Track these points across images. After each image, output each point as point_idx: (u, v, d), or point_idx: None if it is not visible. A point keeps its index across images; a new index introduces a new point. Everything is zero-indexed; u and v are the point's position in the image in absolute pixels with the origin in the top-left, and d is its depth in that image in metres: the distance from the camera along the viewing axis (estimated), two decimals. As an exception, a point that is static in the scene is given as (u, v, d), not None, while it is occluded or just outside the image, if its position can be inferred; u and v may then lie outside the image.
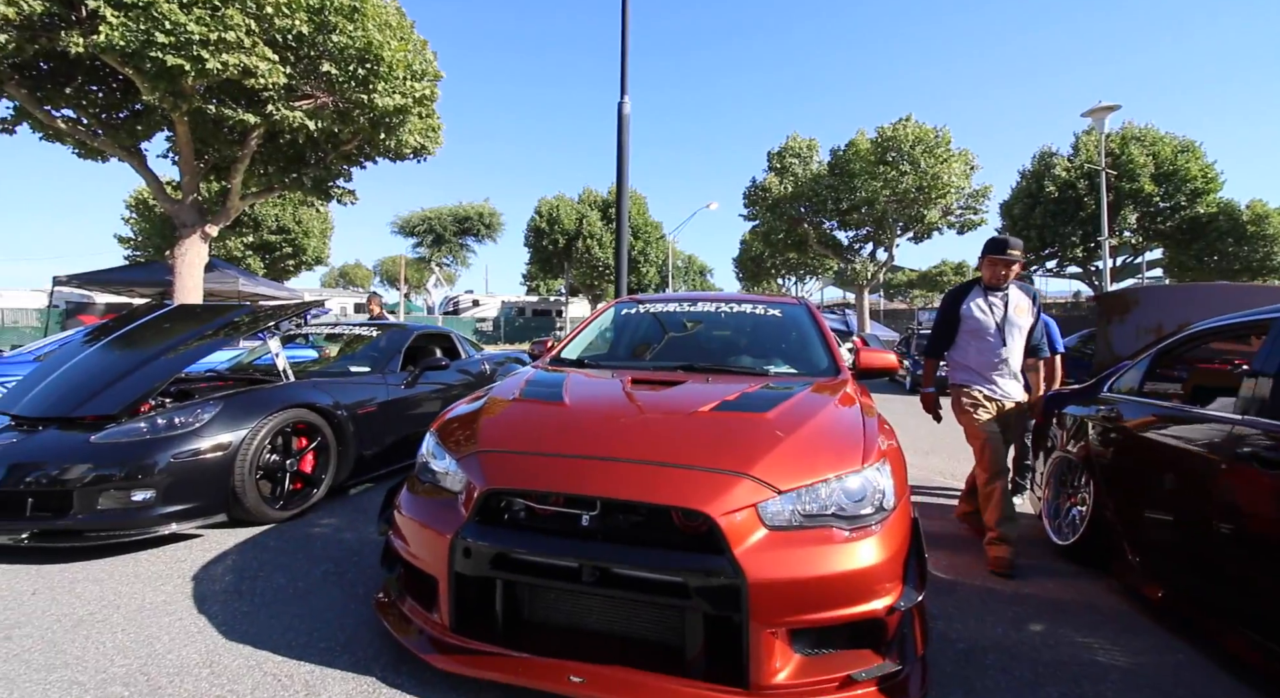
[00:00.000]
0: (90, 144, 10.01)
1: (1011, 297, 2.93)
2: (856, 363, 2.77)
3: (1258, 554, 1.86)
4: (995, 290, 2.95)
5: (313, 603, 2.24)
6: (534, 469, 1.79)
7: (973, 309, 2.98)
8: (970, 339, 2.99)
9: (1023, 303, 2.94)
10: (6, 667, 1.77)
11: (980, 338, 2.95)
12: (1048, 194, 22.36)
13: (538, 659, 1.64)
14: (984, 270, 2.99)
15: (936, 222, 22.77)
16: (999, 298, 2.94)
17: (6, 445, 2.89)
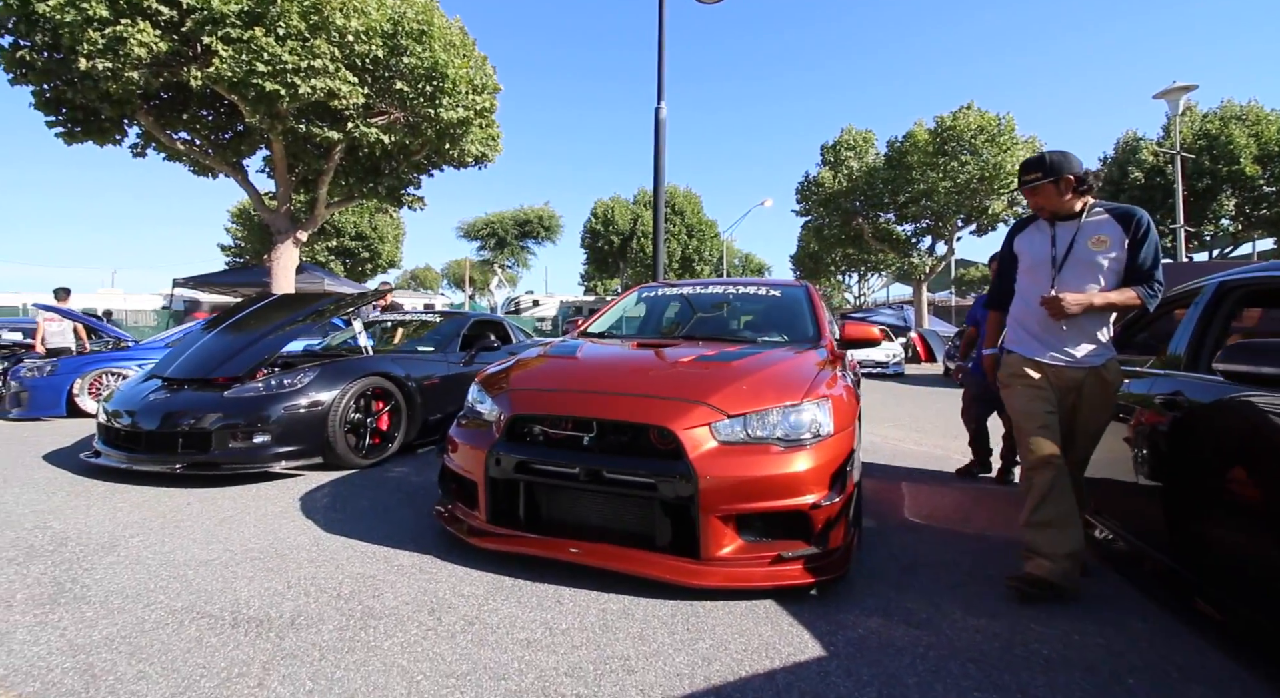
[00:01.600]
0: (203, 162, 11.50)
1: (1086, 225, 2.22)
2: (841, 334, 3.18)
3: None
4: (1064, 219, 2.26)
5: (389, 517, 2.89)
6: (547, 401, 2.36)
7: (1024, 240, 2.38)
8: (1026, 283, 2.36)
9: (1105, 232, 2.18)
10: (181, 544, 2.50)
11: (1033, 279, 2.32)
12: (1133, 181, 21.13)
13: (548, 538, 2.20)
14: None
15: (1001, 212, 21.96)
16: (1068, 227, 2.25)
17: (160, 400, 3.74)
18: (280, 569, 2.22)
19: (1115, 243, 2.19)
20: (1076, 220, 2.25)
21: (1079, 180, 2.20)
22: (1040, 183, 2.23)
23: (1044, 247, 2.30)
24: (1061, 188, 2.22)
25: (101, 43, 8.56)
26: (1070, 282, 2.22)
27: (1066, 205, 2.24)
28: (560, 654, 1.65)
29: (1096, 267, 2.19)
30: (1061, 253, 2.25)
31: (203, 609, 1.88)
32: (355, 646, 1.67)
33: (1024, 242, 2.40)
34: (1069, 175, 2.20)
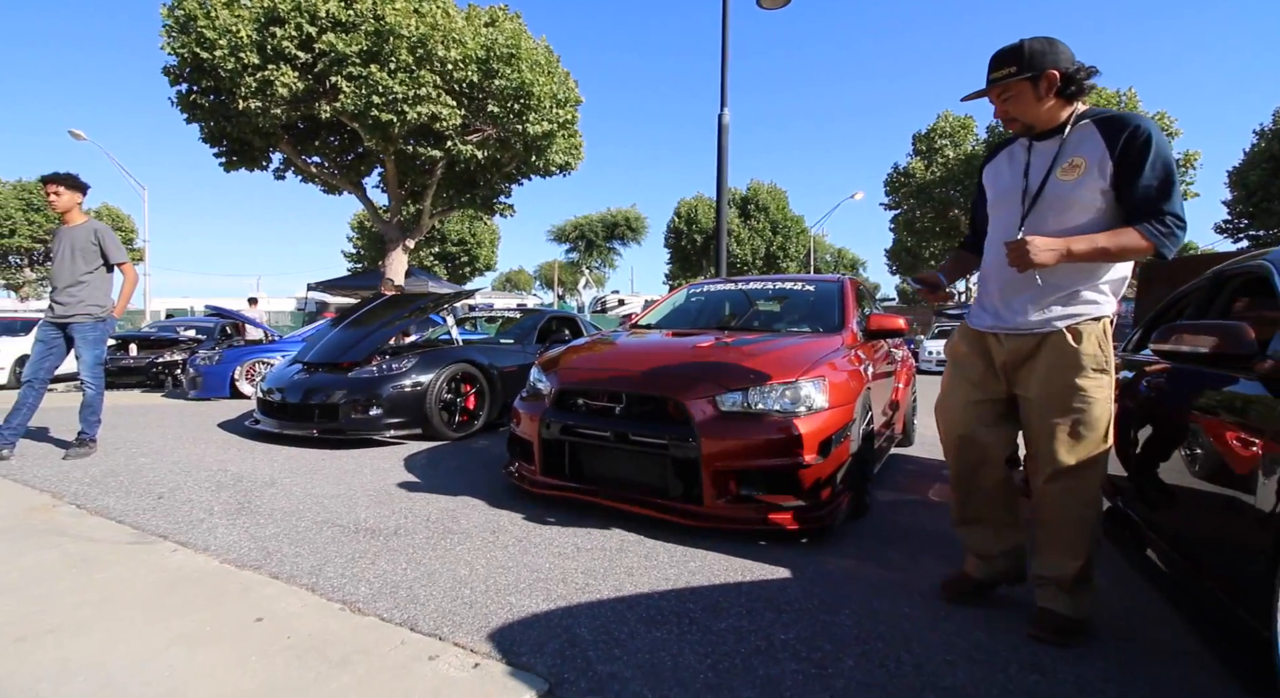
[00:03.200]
0: (331, 182, 13.21)
1: (1069, 142, 1.64)
2: (868, 326, 3.47)
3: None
4: (1045, 136, 1.69)
5: (470, 474, 3.55)
6: (587, 377, 2.89)
7: (992, 170, 1.86)
8: (992, 227, 1.84)
9: (1084, 152, 1.61)
10: (318, 484, 3.28)
11: (999, 221, 1.80)
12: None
13: (585, 487, 2.73)
14: None
15: (1121, 198, 19.99)
16: (1048, 147, 1.68)
17: (301, 380, 4.68)
18: (387, 502, 2.91)
19: (1094, 165, 1.59)
20: (1059, 137, 1.66)
21: (1066, 79, 1.60)
22: (1014, 79, 1.61)
23: (1014, 176, 1.74)
24: (1042, 89, 1.61)
25: (254, 85, 10.20)
26: (1049, 222, 1.64)
27: (1047, 115, 1.65)
28: (581, 562, 2.16)
29: (1080, 202, 1.61)
30: (1035, 183, 1.67)
31: (334, 522, 2.58)
32: (436, 548, 2.28)
33: (992, 172, 1.85)
34: (1053, 70, 1.59)
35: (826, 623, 1.73)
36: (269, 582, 1.96)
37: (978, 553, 1.91)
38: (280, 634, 1.62)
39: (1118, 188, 1.59)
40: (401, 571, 2.07)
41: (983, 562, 1.90)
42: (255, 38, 9.98)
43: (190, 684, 1.39)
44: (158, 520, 2.59)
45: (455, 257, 32.09)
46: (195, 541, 2.34)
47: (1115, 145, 1.57)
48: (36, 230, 27.90)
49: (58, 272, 3.92)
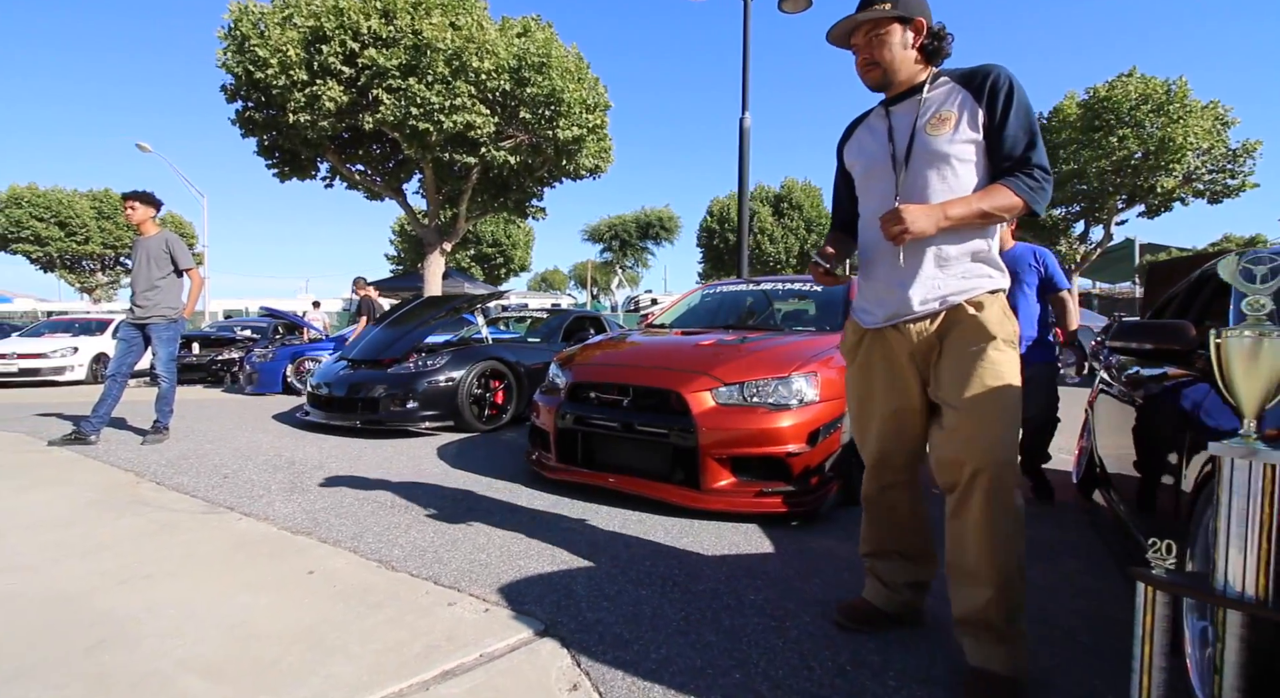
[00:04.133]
0: (374, 189, 13.86)
1: (930, 100, 1.55)
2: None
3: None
4: (902, 98, 1.59)
5: (496, 462, 3.86)
6: (598, 372, 3.15)
7: (854, 147, 1.70)
8: (865, 205, 1.67)
9: (949, 107, 1.52)
10: (360, 468, 3.64)
11: (872, 195, 1.63)
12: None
13: (595, 472, 2.99)
14: None
15: (1175, 190, 19.18)
16: (908, 108, 1.58)
17: (347, 375, 5.09)
18: (420, 484, 3.24)
19: (965, 116, 1.49)
20: (918, 96, 1.55)
21: (931, 33, 1.54)
22: (887, 15, 1.50)
23: (878, 145, 1.60)
24: (910, 37, 1.54)
25: (303, 100, 10.83)
26: (931, 183, 1.51)
27: (907, 71, 1.56)
28: (585, 536, 2.43)
29: (957, 156, 1.49)
30: (903, 145, 1.54)
31: (374, 499, 2.92)
32: (460, 521, 2.58)
33: (854, 148, 1.69)
34: (922, 19, 1.53)
35: (795, 589, 1.94)
36: (318, 545, 2.29)
37: (884, 581, 1.69)
38: (328, 584, 1.93)
39: (988, 139, 1.49)
40: (429, 538, 2.37)
41: (887, 591, 1.69)
42: (303, 55, 10.61)
43: (256, 618, 1.71)
44: (224, 495, 2.97)
45: (491, 258, 32.90)
46: (257, 511, 2.71)
47: (981, 94, 1.48)
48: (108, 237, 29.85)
49: (135, 278, 4.41)
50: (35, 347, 9.98)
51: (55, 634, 1.60)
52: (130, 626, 1.65)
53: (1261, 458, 0.87)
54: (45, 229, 28.28)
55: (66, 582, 1.94)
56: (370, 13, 10.62)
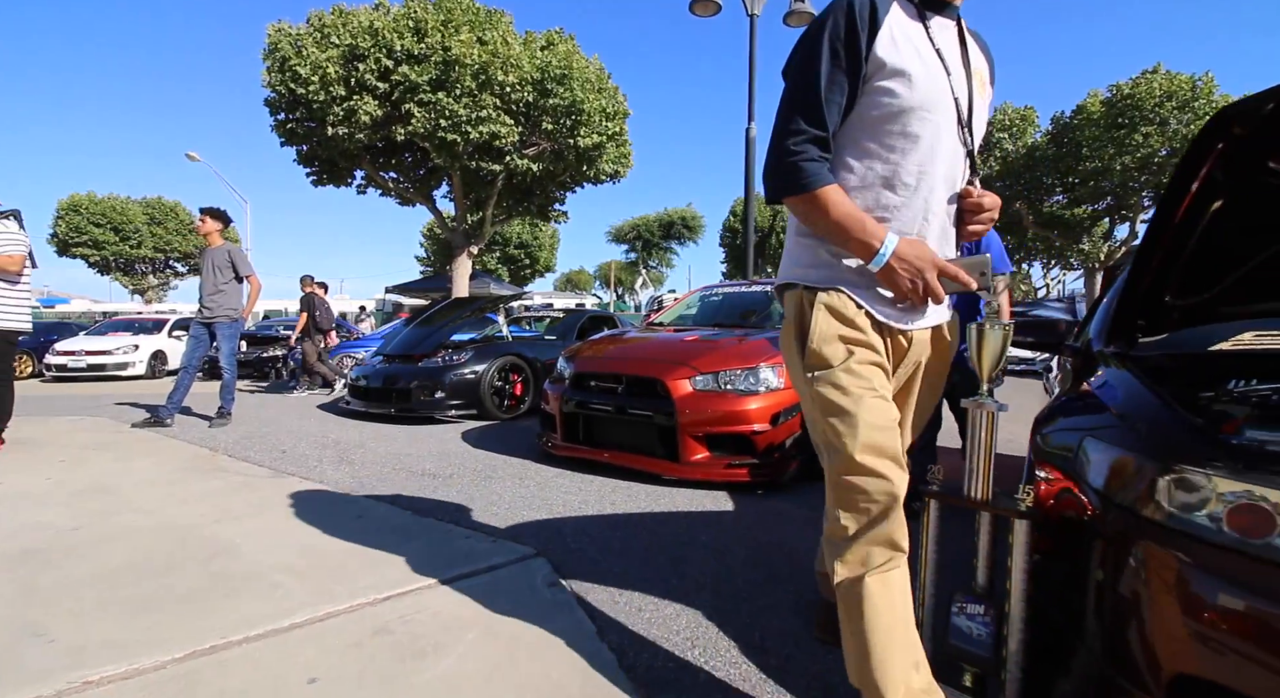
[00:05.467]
0: (405, 196, 14.63)
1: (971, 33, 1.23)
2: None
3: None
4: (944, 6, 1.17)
5: (512, 443, 4.40)
6: (597, 364, 3.66)
7: (900, 31, 1.10)
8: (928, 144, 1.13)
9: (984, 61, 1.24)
10: (394, 447, 4.21)
11: (934, 141, 1.13)
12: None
13: (593, 449, 3.50)
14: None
15: (1204, 187, 18.80)
16: (947, 22, 1.18)
17: (383, 369, 5.70)
18: (445, 458, 3.79)
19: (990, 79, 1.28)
20: (954, 10, 1.19)
21: None
22: None
23: (937, 68, 1.12)
24: None
25: (341, 114, 11.61)
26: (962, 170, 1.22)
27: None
28: (579, 497, 2.94)
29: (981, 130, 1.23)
30: (965, 97, 1.17)
31: (407, 469, 3.48)
32: (477, 486, 3.12)
33: (910, 54, 1.10)
34: None
35: (741, 534, 2.41)
36: (365, 500, 2.85)
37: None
38: (373, 524, 2.48)
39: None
40: (452, 497, 2.91)
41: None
42: (341, 72, 11.38)
43: (322, 542, 2.26)
44: (286, 465, 3.57)
45: (518, 259, 33.78)
46: (313, 476, 3.29)
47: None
48: (159, 241, 31.56)
49: (204, 283, 5.07)
50: (101, 344, 10.91)
51: (179, 550, 2.17)
52: (231, 546, 2.22)
53: (987, 407, 1.32)
54: (102, 234, 30.06)
55: (178, 519, 2.52)
56: (403, 31, 11.33)
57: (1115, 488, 1.11)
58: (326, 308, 8.40)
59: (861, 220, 1.10)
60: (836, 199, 1.11)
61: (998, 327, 1.32)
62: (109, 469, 3.42)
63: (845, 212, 1.11)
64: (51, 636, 1.56)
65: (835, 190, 1.12)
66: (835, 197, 1.11)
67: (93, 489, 2.99)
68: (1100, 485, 1.15)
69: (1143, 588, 1.00)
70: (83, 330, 12.79)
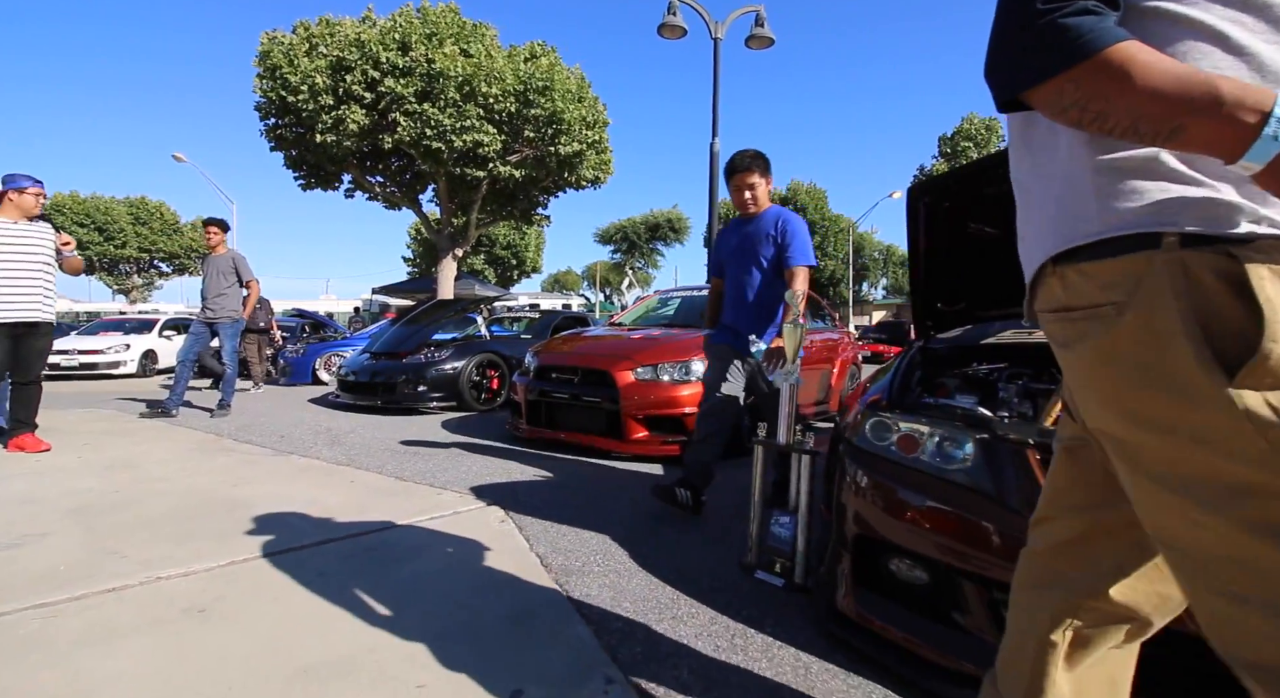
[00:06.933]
0: (392, 200, 15.09)
1: None
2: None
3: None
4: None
5: (487, 430, 4.95)
6: (557, 358, 4.24)
7: None
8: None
9: None
10: (381, 433, 4.75)
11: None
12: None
13: (553, 431, 4.08)
14: None
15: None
16: None
17: (370, 365, 6.24)
18: (426, 440, 4.35)
19: None
20: None
21: None
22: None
23: None
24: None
25: (329, 122, 12.07)
26: None
27: None
28: (536, 467, 3.51)
29: None
30: None
31: (392, 448, 4.03)
32: (451, 459, 3.68)
33: None
34: None
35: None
36: (355, 470, 3.40)
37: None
38: (363, 487, 3.04)
39: None
40: (430, 467, 3.47)
41: None
42: (329, 83, 11.85)
43: (322, 498, 2.81)
44: (285, 446, 4.11)
45: (504, 261, 34.22)
46: (311, 454, 3.84)
47: None
48: (144, 242, 31.64)
49: (208, 286, 5.57)
50: (93, 343, 11.26)
51: (205, 504, 2.72)
52: (248, 501, 2.76)
53: (790, 380, 1.92)
54: (85, 234, 30.07)
55: (198, 485, 3.06)
56: (389, 44, 11.83)
57: (848, 430, 1.71)
58: (265, 307, 8.66)
59: (1211, 81, 0.58)
60: (1148, 57, 0.61)
61: (798, 326, 1.93)
62: (129, 451, 3.94)
63: (1174, 72, 0.60)
64: (123, 553, 2.11)
65: (1139, 45, 0.62)
66: (1144, 54, 0.61)
67: (119, 465, 3.51)
68: (844, 428, 1.75)
69: (849, 486, 1.59)
70: (73, 330, 13.12)
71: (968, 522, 1.34)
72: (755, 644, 1.53)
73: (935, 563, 1.40)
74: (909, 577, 1.48)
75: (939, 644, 1.34)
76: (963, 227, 1.86)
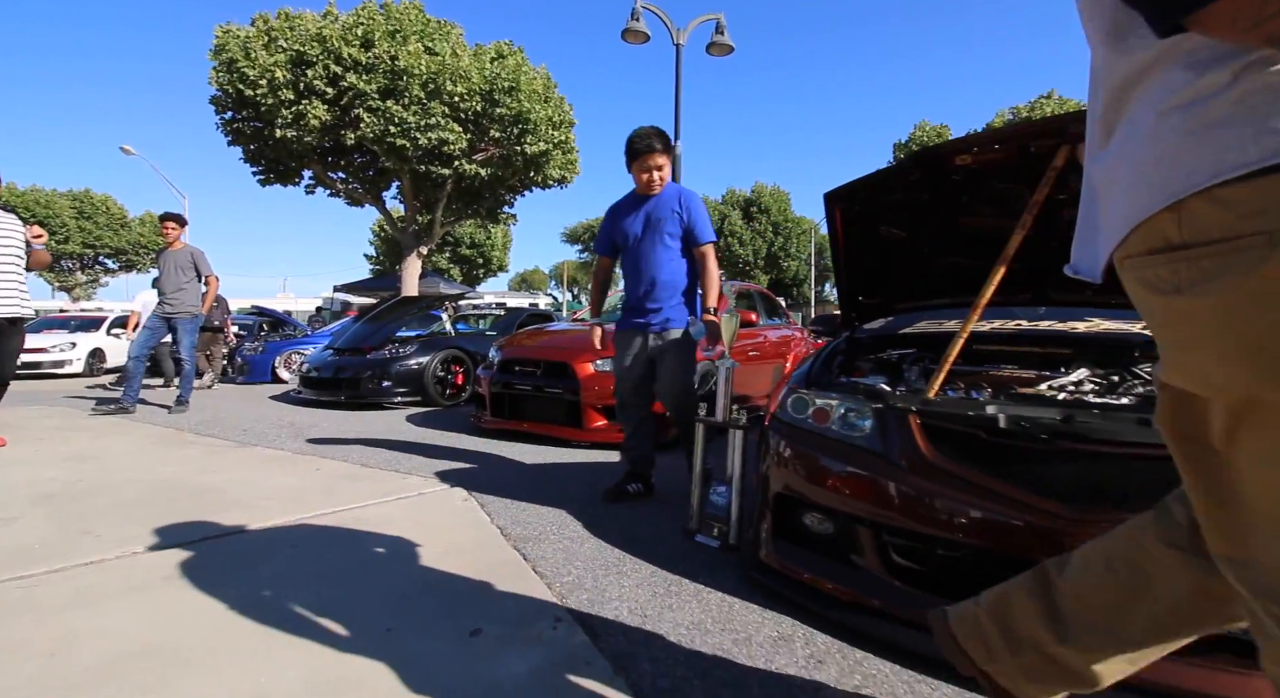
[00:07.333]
0: (355, 196, 14.91)
1: None
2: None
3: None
4: None
5: (451, 423, 5.07)
6: (520, 351, 4.41)
7: None
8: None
9: None
10: (345, 427, 4.83)
11: None
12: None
13: (516, 421, 4.24)
14: None
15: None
16: None
17: (333, 361, 6.27)
18: (391, 433, 4.45)
19: None
20: None
21: None
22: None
23: None
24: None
25: (290, 117, 11.89)
26: None
27: None
28: (498, 454, 3.68)
29: None
30: None
31: (358, 439, 4.13)
32: (417, 449, 3.81)
33: None
34: None
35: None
36: (320, 459, 3.51)
37: None
38: (329, 474, 3.15)
39: None
40: (395, 456, 3.60)
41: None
42: (289, 77, 11.68)
43: (290, 483, 2.92)
44: (249, 439, 4.17)
45: (470, 259, 33.95)
46: (275, 445, 3.91)
47: None
48: (88, 237, 30.26)
49: (164, 281, 5.53)
50: (37, 342, 10.82)
51: (174, 491, 2.80)
52: (216, 487, 2.86)
53: (726, 364, 2.15)
54: (24, 228, 28.64)
55: (165, 474, 3.13)
56: (351, 39, 11.73)
57: (775, 405, 1.95)
58: (222, 304, 8.45)
59: None
60: None
61: (733, 315, 2.16)
62: (89, 444, 3.94)
63: None
64: (96, 533, 2.20)
65: None
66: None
67: (81, 457, 3.53)
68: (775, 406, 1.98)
69: (772, 454, 1.82)
70: (15, 328, 12.55)
71: (865, 479, 1.58)
72: (688, 590, 1.75)
73: (839, 515, 1.64)
74: (819, 529, 1.71)
75: (839, 581, 1.58)
76: (874, 229, 2.11)
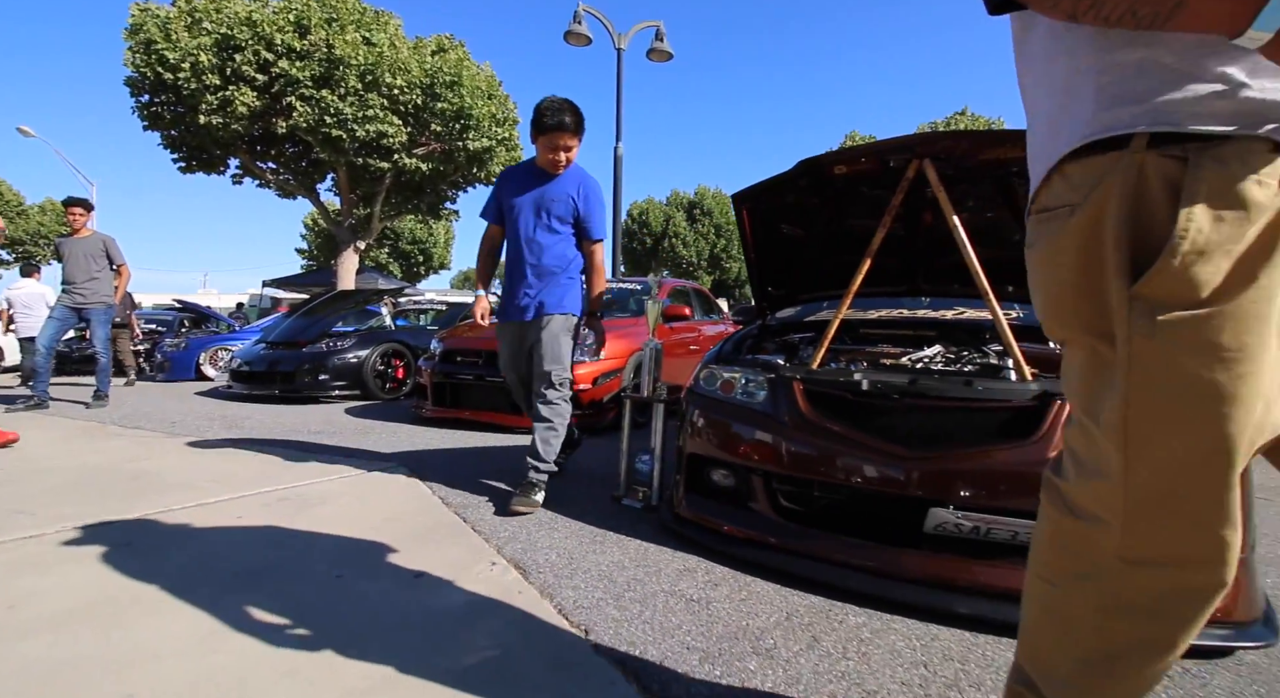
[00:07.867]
0: (286, 188, 14.37)
1: None
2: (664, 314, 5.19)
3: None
4: None
5: (391, 414, 5.11)
6: (463, 342, 4.53)
7: None
8: None
9: None
10: (281, 422, 4.80)
11: None
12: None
13: (458, 410, 4.37)
14: None
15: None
16: None
17: (266, 354, 6.15)
18: (329, 424, 4.48)
19: None
20: None
21: None
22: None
23: None
24: None
25: (215, 103, 11.38)
26: None
27: None
28: (441, 442, 3.80)
29: None
30: None
31: (296, 431, 4.14)
32: (361, 440, 3.88)
33: None
34: None
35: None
36: (258, 446, 3.53)
37: None
38: (270, 460, 3.21)
39: None
40: (335, 443, 3.67)
41: None
42: (215, 62, 11.17)
43: (231, 468, 2.97)
44: (180, 431, 4.11)
45: (410, 255, 33.03)
46: (208, 436, 3.89)
47: None
48: (-24, 224, 27.56)
49: (73, 271, 5.26)
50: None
51: (108, 477, 2.80)
52: (152, 472, 2.87)
53: (652, 346, 2.40)
54: (-102, 214, 25.80)
55: (95, 462, 3.10)
56: (284, 25, 11.33)
57: (690, 380, 2.21)
58: (127, 299, 8.03)
59: None
60: None
61: (657, 303, 2.41)
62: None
63: None
64: (31, 512, 2.22)
65: None
66: None
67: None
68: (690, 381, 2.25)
69: (686, 422, 2.09)
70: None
71: (759, 437, 1.86)
72: (610, 540, 1.99)
73: (739, 469, 1.91)
74: (724, 483, 1.99)
75: (737, 523, 1.85)
76: (777, 227, 2.42)
